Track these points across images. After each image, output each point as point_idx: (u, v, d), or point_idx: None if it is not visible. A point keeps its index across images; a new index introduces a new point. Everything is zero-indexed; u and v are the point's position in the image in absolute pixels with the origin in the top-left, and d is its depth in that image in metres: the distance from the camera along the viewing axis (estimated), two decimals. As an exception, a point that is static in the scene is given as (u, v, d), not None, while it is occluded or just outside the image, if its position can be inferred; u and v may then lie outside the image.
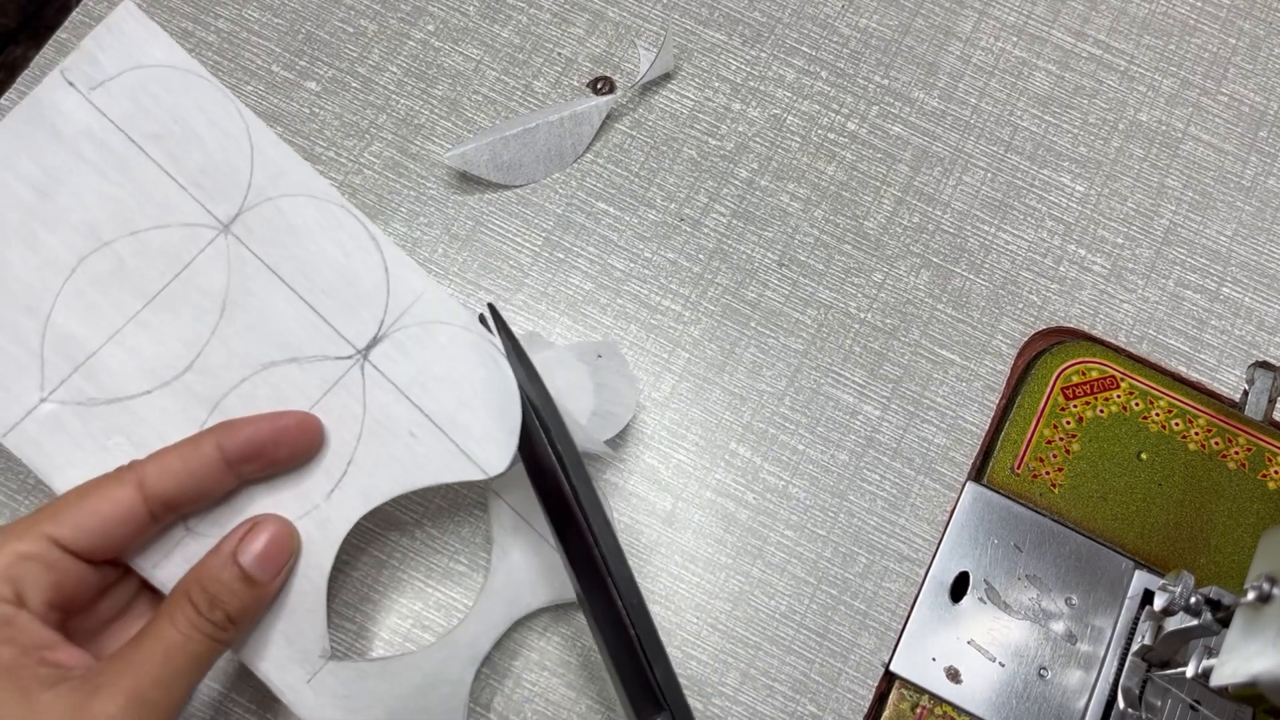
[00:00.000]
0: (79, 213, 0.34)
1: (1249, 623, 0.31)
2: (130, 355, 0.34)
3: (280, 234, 0.35)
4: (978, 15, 0.50)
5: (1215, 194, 0.47)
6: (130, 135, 0.35)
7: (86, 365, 0.34)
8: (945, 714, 0.39)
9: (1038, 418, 0.43)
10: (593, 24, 0.49)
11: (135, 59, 0.35)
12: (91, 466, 0.33)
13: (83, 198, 0.34)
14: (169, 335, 0.34)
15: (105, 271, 0.34)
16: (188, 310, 0.34)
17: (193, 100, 0.35)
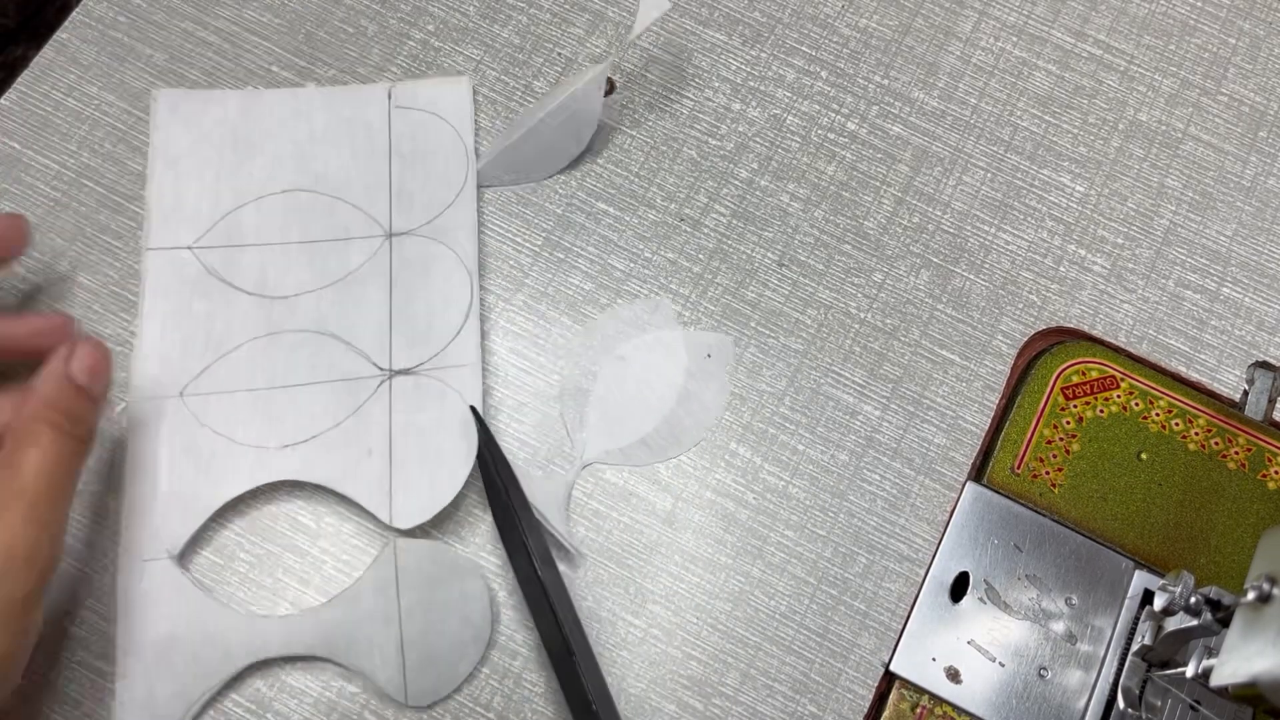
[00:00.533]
0: (324, 167, 0.44)
1: (1249, 623, 0.31)
2: (274, 267, 0.43)
3: (415, 263, 0.43)
4: (978, 15, 0.50)
5: (1215, 194, 0.47)
6: (393, 144, 0.45)
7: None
8: (945, 714, 0.39)
9: (1038, 418, 0.43)
10: (593, 24, 0.49)
11: (437, 107, 0.45)
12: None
13: (329, 163, 0.44)
14: (299, 266, 0.43)
15: (298, 207, 0.43)
16: (325, 263, 0.43)
17: (444, 153, 0.45)
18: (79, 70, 0.47)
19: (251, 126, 0.44)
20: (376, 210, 0.43)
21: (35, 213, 0.45)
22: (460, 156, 0.45)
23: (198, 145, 0.44)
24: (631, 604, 0.40)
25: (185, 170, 0.43)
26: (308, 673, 0.39)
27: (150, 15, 0.48)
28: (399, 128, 0.45)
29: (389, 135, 0.44)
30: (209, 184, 0.43)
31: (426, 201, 0.44)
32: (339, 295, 0.42)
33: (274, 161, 0.44)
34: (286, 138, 0.44)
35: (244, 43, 0.48)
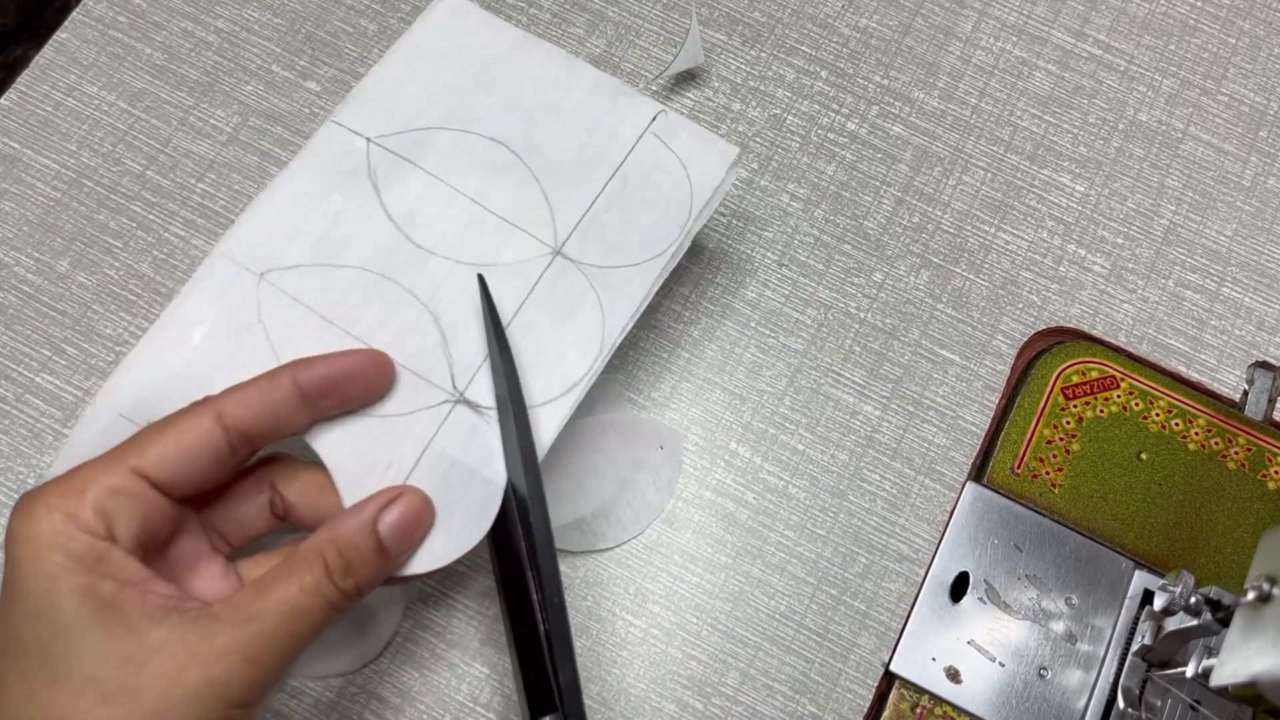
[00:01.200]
0: (543, 141, 0.39)
1: (1249, 623, 0.31)
2: (430, 207, 0.38)
3: (560, 299, 0.37)
4: (978, 15, 0.50)
5: (1215, 194, 0.47)
6: (624, 166, 0.39)
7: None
8: (945, 714, 0.39)
9: (1038, 418, 0.43)
10: (593, 24, 0.49)
11: (689, 160, 0.40)
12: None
13: (551, 142, 0.39)
14: (452, 223, 0.38)
15: (491, 163, 0.38)
16: (479, 237, 0.38)
17: (663, 210, 0.39)
18: (79, 70, 0.47)
19: (506, 66, 0.40)
20: (561, 219, 0.38)
21: (35, 213, 0.45)
22: (676, 224, 0.39)
23: (448, 56, 0.40)
24: (631, 604, 0.40)
25: (420, 71, 0.39)
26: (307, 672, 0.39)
27: (150, 15, 0.48)
28: (640, 154, 0.40)
29: (626, 155, 0.39)
30: (431, 94, 0.39)
31: (613, 244, 0.38)
32: (466, 283, 0.37)
33: (502, 106, 0.39)
34: (531, 92, 0.39)
35: (244, 43, 0.48)
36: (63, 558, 0.28)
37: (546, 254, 0.37)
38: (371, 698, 0.39)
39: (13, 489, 0.41)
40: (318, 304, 0.35)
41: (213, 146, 0.46)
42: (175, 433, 0.30)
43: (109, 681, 0.27)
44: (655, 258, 0.38)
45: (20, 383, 0.42)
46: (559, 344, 0.37)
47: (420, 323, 0.36)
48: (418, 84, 0.39)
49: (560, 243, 0.38)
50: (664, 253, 0.38)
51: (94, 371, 0.43)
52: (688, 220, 0.39)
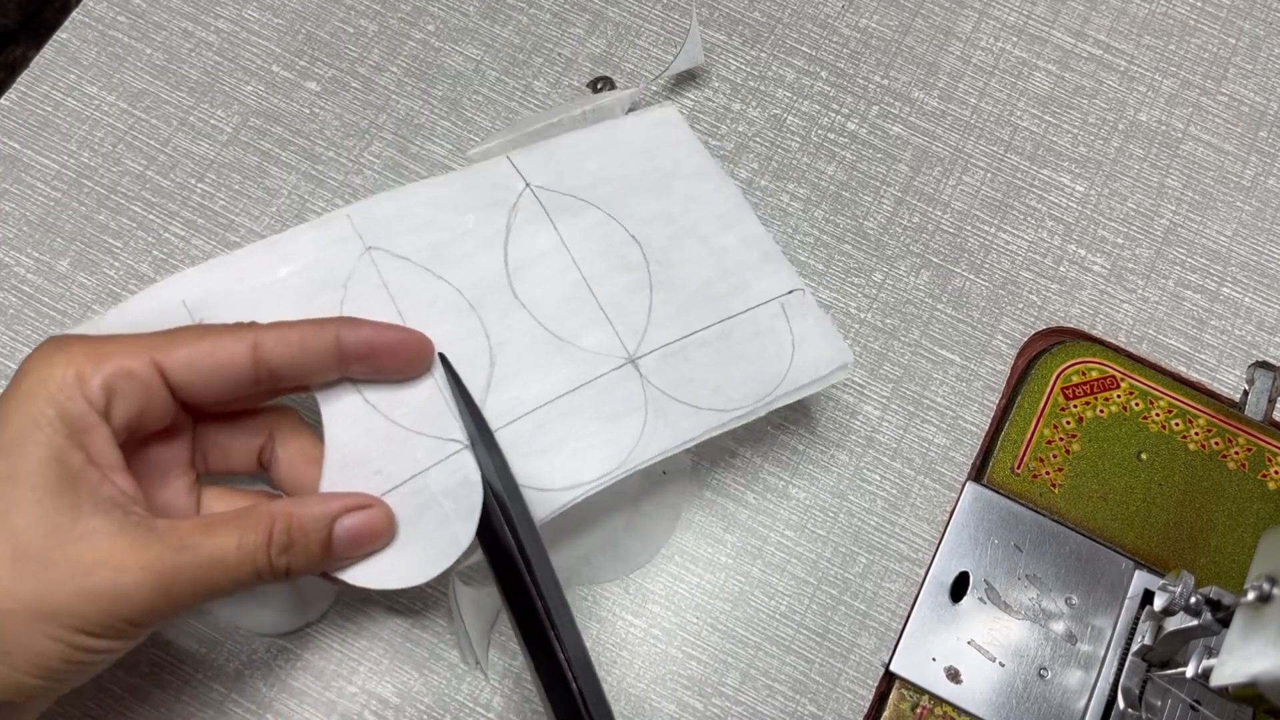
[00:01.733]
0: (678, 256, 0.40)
1: (1249, 623, 0.31)
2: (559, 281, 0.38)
3: (617, 398, 0.37)
4: (978, 15, 0.50)
5: (1215, 194, 0.47)
6: (741, 321, 0.39)
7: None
8: (945, 714, 0.39)
9: (1038, 418, 0.43)
10: (593, 24, 0.49)
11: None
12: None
13: (679, 269, 0.39)
14: (574, 290, 0.38)
15: (619, 255, 0.39)
16: (576, 309, 0.38)
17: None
18: (79, 70, 0.47)
19: (683, 185, 0.40)
20: (653, 334, 0.37)
21: (35, 213, 0.45)
22: (756, 393, 0.38)
23: (639, 154, 0.40)
24: (631, 604, 0.40)
25: (608, 155, 0.40)
26: (308, 673, 0.39)
27: (150, 15, 0.48)
28: (758, 315, 0.39)
29: (745, 309, 0.39)
30: (604, 176, 0.39)
31: (687, 379, 0.37)
32: (539, 346, 0.37)
33: (659, 215, 0.39)
34: (693, 217, 0.40)
35: (244, 43, 0.48)
36: (54, 412, 0.29)
37: (621, 358, 0.37)
38: (371, 697, 0.39)
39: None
40: (401, 298, 0.36)
41: (213, 146, 0.46)
42: (209, 344, 0.31)
43: (30, 544, 0.28)
44: (718, 411, 0.37)
45: (20, 383, 0.42)
46: (587, 442, 0.36)
47: (478, 360, 0.36)
48: (599, 163, 0.40)
49: (638, 353, 0.37)
50: (728, 411, 0.37)
51: (94, 371, 0.43)
52: (769, 395, 0.38)
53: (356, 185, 0.46)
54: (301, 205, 0.45)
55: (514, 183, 0.38)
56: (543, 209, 0.38)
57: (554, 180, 0.39)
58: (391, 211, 0.37)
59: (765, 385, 0.38)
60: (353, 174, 0.46)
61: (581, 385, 0.36)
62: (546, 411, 0.36)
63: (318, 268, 0.36)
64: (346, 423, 0.34)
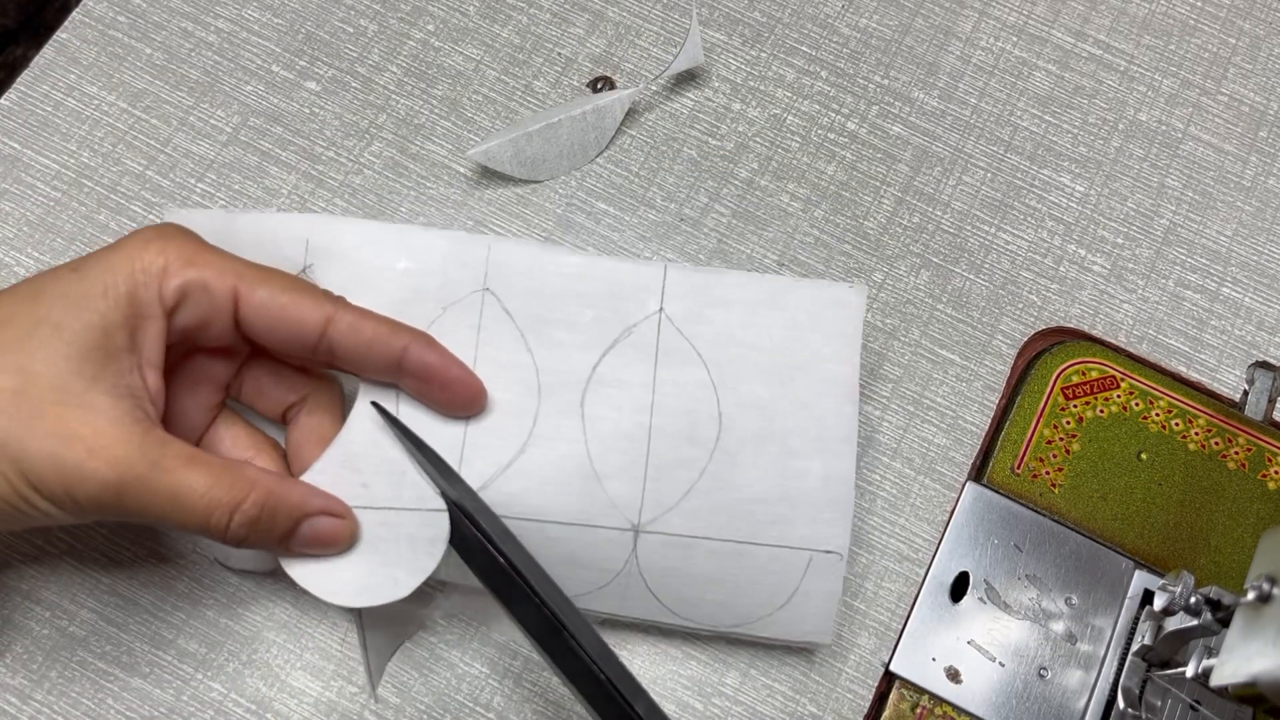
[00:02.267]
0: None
1: (1249, 623, 0.31)
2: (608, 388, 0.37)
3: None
4: (978, 15, 0.50)
5: (1215, 194, 0.47)
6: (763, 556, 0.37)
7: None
8: (945, 714, 0.39)
9: (1038, 418, 0.43)
10: (593, 24, 0.49)
11: None
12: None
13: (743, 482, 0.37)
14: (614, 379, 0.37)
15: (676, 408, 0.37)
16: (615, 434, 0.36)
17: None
18: (79, 70, 0.47)
19: (812, 386, 0.37)
20: (673, 518, 0.36)
21: (35, 213, 0.45)
22: (727, 622, 0.37)
23: (797, 327, 0.38)
24: (631, 604, 0.40)
25: (768, 320, 0.38)
26: (307, 673, 0.39)
27: (150, 15, 0.48)
28: (783, 559, 0.37)
29: (773, 550, 0.36)
30: (747, 341, 0.37)
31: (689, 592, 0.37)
32: (577, 463, 0.36)
33: (781, 409, 0.37)
34: (799, 436, 0.37)
35: (244, 43, 0.48)
36: (125, 290, 0.30)
37: (629, 524, 0.36)
38: (371, 698, 0.39)
39: (13, 489, 0.41)
40: (484, 347, 0.36)
41: (213, 146, 0.46)
42: (290, 298, 0.32)
43: (35, 387, 0.29)
44: (671, 613, 0.37)
45: (20, 383, 0.42)
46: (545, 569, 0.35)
47: (509, 443, 0.35)
48: (743, 319, 0.37)
49: (643, 527, 0.36)
50: (679, 617, 0.37)
51: (94, 371, 0.43)
52: (731, 626, 0.37)
53: (356, 185, 0.46)
54: (302, 205, 0.45)
55: (650, 299, 0.37)
56: (656, 341, 0.37)
57: (687, 317, 0.37)
58: (525, 266, 0.36)
59: (734, 616, 0.37)
60: (353, 174, 0.46)
61: (577, 524, 0.35)
62: (534, 526, 0.35)
63: (433, 279, 0.35)
64: (366, 428, 0.34)
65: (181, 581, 0.40)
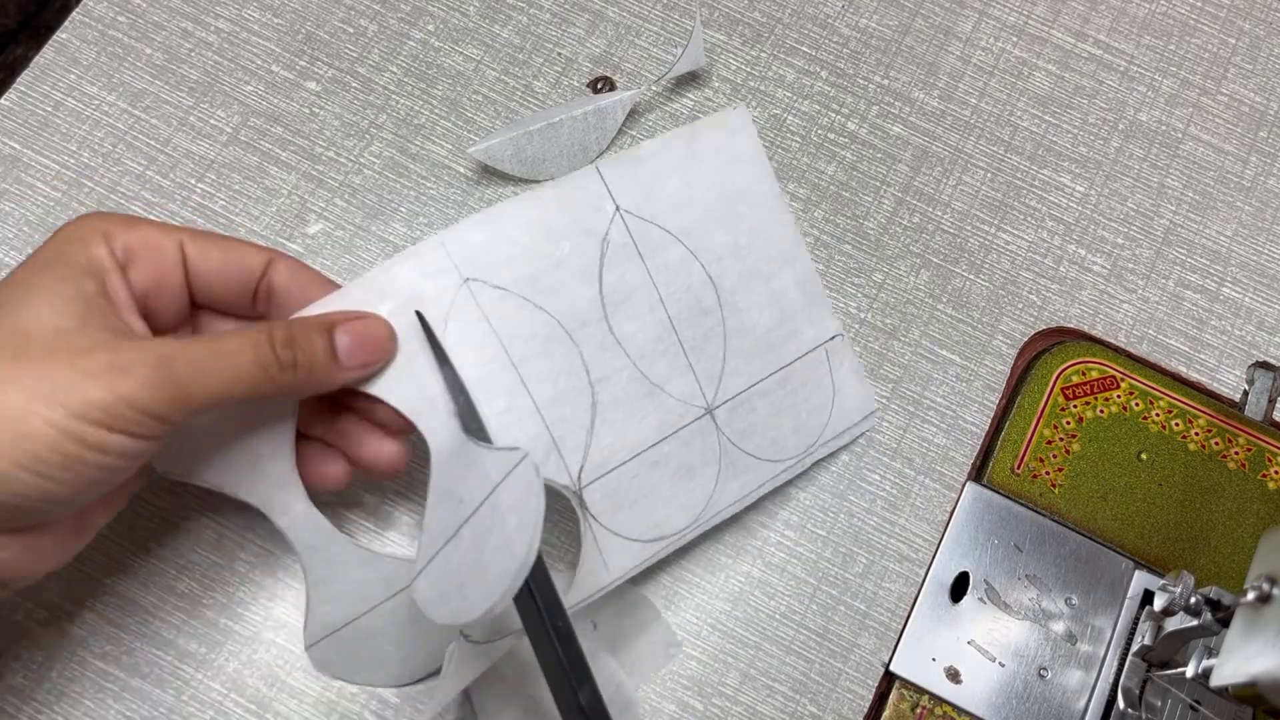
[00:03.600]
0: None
1: (1249, 623, 0.31)
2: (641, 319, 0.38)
3: (697, 449, 0.38)
4: (978, 15, 0.50)
5: (1215, 194, 0.47)
6: (795, 370, 0.41)
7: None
8: (945, 714, 0.39)
9: (1038, 418, 0.43)
10: (593, 24, 0.49)
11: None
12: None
13: (745, 314, 0.40)
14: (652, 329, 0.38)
15: (696, 301, 0.39)
16: (659, 354, 0.38)
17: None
18: (79, 70, 0.47)
19: (750, 212, 0.40)
20: (727, 384, 0.38)
21: (35, 213, 0.45)
22: (803, 443, 0.40)
23: (715, 171, 0.39)
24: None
25: (689, 171, 0.39)
26: (307, 673, 0.39)
27: (150, 15, 0.48)
28: (809, 363, 0.41)
29: (798, 357, 0.40)
30: (684, 198, 0.38)
31: (751, 429, 0.39)
32: (634, 387, 0.37)
33: (730, 250, 0.39)
34: (757, 253, 0.39)
35: (244, 43, 0.48)
36: (80, 252, 0.30)
37: (701, 408, 0.38)
38: (371, 697, 0.39)
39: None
40: (502, 329, 0.35)
41: (213, 146, 0.46)
42: (234, 250, 0.33)
43: (32, 338, 0.28)
44: (773, 463, 0.40)
45: (20, 383, 0.42)
46: (670, 493, 0.37)
47: (577, 398, 0.36)
48: (680, 181, 0.38)
49: (714, 404, 0.38)
50: (781, 462, 0.40)
51: (94, 371, 0.43)
52: (814, 445, 0.40)
53: (356, 185, 0.46)
54: (302, 205, 0.45)
55: (604, 203, 0.37)
56: (632, 241, 0.37)
57: (640, 203, 0.38)
58: (485, 238, 0.35)
59: (810, 435, 0.40)
60: (353, 174, 0.46)
61: (668, 435, 0.37)
62: (639, 461, 0.36)
63: (414, 305, 0.35)
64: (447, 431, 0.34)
65: (181, 581, 0.40)
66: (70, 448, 0.27)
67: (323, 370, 0.32)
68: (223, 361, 0.29)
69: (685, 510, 0.38)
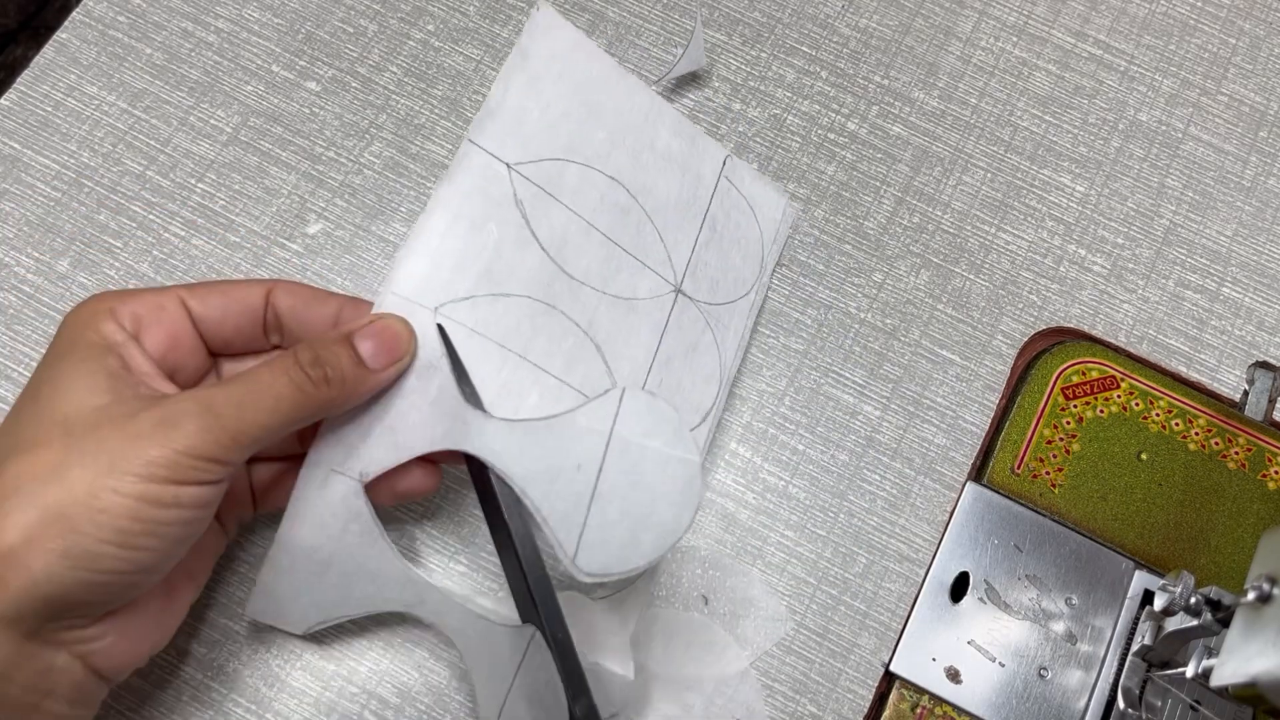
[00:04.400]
0: (651, 184, 0.40)
1: (1249, 623, 0.31)
2: (573, 242, 0.38)
3: (687, 333, 0.40)
4: (978, 15, 0.50)
5: (1215, 194, 0.47)
6: (711, 208, 0.42)
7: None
8: (945, 714, 0.39)
9: (1038, 418, 0.43)
10: (593, 24, 0.49)
11: (755, 204, 0.44)
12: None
13: (657, 184, 0.40)
14: (593, 257, 0.38)
15: (615, 203, 0.39)
16: (616, 273, 0.39)
17: (744, 250, 0.43)
18: (79, 70, 0.47)
19: (605, 94, 0.39)
20: (675, 258, 0.40)
21: (35, 213, 0.45)
22: (756, 263, 0.43)
23: (559, 78, 0.38)
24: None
25: (539, 93, 0.38)
26: (307, 673, 0.39)
27: (150, 15, 0.48)
28: (721, 197, 0.42)
29: (710, 198, 0.42)
30: (550, 120, 0.38)
31: (714, 282, 0.41)
32: (615, 312, 0.38)
33: (610, 141, 0.39)
34: (630, 129, 0.40)
35: (244, 43, 0.48)
36: (93, 335, 0.31)
37: (670, 292, 0.39)
38: (371, 697, 0.39)
39: (13, 489, 0.41)
40: (493, 332, 0.35)
41: (213, 146, 0.46)
42: (231, 289, 0.34)
43: (77, 421, 0.29)
44: (746, 295, 0.42)
45: (20, 383, 0.42)
46: (691, 377, 0.40)
47: (584, 352, 0.37)
48: (538, 108, 0.38)
49: (679, 281, 0.40)
50: (751, 290, 0.42)
51: (94, 371, 0.43)
52: (763, 259, 0.43)
53: (356, 185, 0.46)
54: (301, 205, 0.45)
55: (496, 168, 0.37)
56: (537, 187, 0.37)
57: (522, 151, 0.37)
58: (425, 264, 0.35)
59: (756, 254, 0.43)
60: (353, 174, 0.46)
61: (663, 332, 0.39)
62: (657, 369, 0.38)
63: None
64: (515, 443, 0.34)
65: (181, 581, 0.40)
66: (147, 511, 0.28)
67: (354, 378, 0.32)
68: (261, 393, 0.30)
69: (709, 381, 0.40)
